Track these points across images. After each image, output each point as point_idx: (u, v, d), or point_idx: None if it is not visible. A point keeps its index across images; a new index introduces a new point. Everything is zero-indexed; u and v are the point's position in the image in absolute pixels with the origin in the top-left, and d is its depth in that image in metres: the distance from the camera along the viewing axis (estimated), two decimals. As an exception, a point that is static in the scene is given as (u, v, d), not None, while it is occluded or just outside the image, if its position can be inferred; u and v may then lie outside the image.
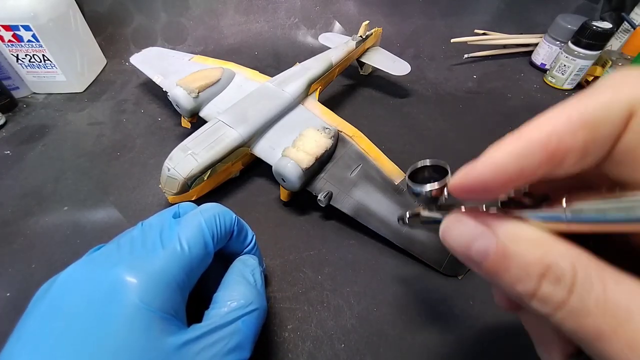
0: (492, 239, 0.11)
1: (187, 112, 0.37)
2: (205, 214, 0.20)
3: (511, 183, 0.11)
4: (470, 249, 0.12)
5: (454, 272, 0.29)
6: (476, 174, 0.11)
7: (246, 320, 0.18)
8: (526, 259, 0.10)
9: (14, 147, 0.40)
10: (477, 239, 0.11)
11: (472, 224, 0.12)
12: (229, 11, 0.62)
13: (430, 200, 0.14)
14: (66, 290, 0.16)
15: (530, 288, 0.10)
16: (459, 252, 0.12)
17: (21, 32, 0.42)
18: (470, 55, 0.60)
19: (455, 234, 0.12)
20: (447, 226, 0.13)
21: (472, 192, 0.12)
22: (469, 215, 0.12)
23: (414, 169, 0.15)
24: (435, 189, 0.14)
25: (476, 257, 0.11)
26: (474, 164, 0.11)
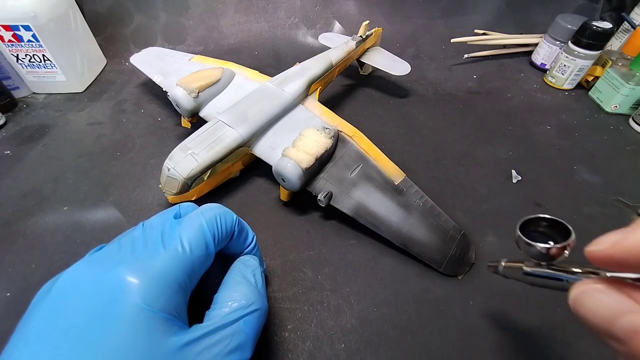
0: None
1: (187, 112, 0.37)
2: (206, 214, 0.20)
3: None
4: (613, 324, 0.11)
5: (454, 272, 0.29)
6: (632, 244, 0.10)
7: (247, 320, 0.18)
8: None
9: (14, 147, 0.40)
10: (625, 315, 0.10)
11: (616, 297, 0.11)
12: (229, 11, 0.62)
13: (543, 258, 0.13)
14: (68, 291, 0.16)
15: None
16: (597, 325, 0.11)
17: (21, 32, 0.42)
18: (470, 55, 0.60)
19: (594, 304, 0.11)
20: (582, 294, 0.12)
21: (624, 264, 0.10)
22: (610, 286, 0.11)
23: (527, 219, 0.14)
24: (556, 248, 0.13)
25: (622, 335, 0.10)
26: (628, 233, 0.10)
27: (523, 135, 0.45)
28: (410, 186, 0.32)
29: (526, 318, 0.27)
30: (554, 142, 0.44)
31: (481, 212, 0.34)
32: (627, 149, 0.43)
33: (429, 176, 0.38)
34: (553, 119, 0.48)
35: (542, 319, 0.27)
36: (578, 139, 0.45)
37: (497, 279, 0.29)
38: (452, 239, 0.30)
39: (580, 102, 0.52)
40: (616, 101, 0.48)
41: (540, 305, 0.28)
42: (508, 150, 0.42)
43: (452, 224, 0.31)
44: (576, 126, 0.47)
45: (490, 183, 0.38)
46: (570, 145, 0.44)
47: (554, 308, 0.27)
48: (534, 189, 0.37)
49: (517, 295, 0.28)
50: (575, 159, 0.42)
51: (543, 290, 0.29)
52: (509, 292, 0.29)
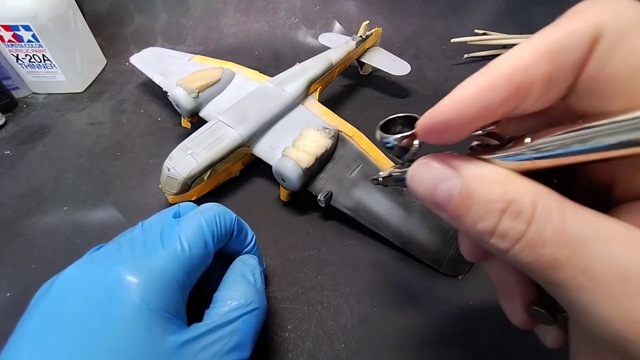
0: (457, 179, 0.11)
1: (187, 112, 0.37)
2: (205, 213, 0.20)
3: (476, 121, 0.11)
4: (435, 192, 0.11)
5: (454, 272, 0.29)
6: (440, 112, 0.11)
7: (246, 319, 0.18)
8: (488, 197, 0.10)
9: (14, 147, 0.40)
10: (443, 181, 0.11)
11: (438, 167, 0.12)
12: (229, 11, 0.62)
13: (402, 152, 0.14)
14: (67, 290, 0.16)
15: (490, 225, 0.10)
16: (425, 197, 0.12)
17: (21, 32, 0.42)
18: (470, 55, 0.60)
19: (421, 177, 0.12)
20: (413, 170, 0.12)
21: (437, 131, 0.11)
22: (435, 159, 0.12)
23: (385, 122, 0.14)
24: (405, 137, 0.13)
25: (441, 200, 0.11)
26: (438, 103, 0.11)
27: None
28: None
29: (526, 318, 0.27)
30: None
31: None
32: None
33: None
34: (553, 118, 0.48)
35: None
36: (578, 139, 0.45)
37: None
38: (452, 239, 0.30)
39: (580, 102, 0.52)
40: (616, 101, 0.48)
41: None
42: (508, 150, 0.42)
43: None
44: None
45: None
46: (570, 145, 0.44)
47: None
48: None
49: (517, 295, 0.28)
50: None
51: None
52: (509, 292, 0.28)
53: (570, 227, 0.09)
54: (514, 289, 0.14)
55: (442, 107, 0.11)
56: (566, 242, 0.09)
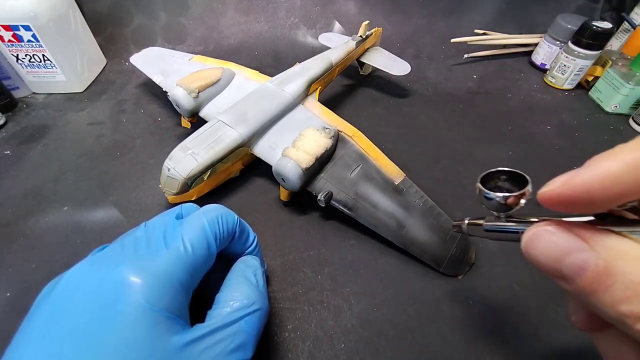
0: (590, 253, 0.10)
1: (187, 112, 0.37)
2: (208, 215, 0.20)
3: (623, 197, 0.10)
4: (562, 262, 0.11)
5: (454, 272, 0.29)
6: (581, 183, 0.10)
7: (248, 320, 0.19)
8: (634, 277, 0.09)
9: (14, 147, 0.40)
10: (572, 253, 0.10)
11: (565, 236, 0.11)
12: (229, 11, 0.62)
13: (503, 209, 0.13)
14: (71, 290, 0.17)
15: (639, 309, 0.09)
16: (546, 265, 0.11)
17: (21, 32, 0.42)
18: (470, 55, 0.60)
19: (544, 245, 0.11)
20: (533, 236, 0.12)
21: (572, 204, 0.11)
22: (560, 227, 0.11)
23: (487, 173, 0.14)
24: (512, 197, 0.13)
25: (569, 272, 0.11)
26: (577, 172, 0.10)
27: (523, 135, 0.45)
28: (410, 186, 0.32)
29: (526, 318, 0.27)
30: (554, 142, 0.44)
31: (481, 212, 0.34)
32: (627, 149, 0.43)
33: (429, 176, 0.38)
34: (553, 119, 0.48)
35: (542, 318, 0.27)
36: (578, 139, 0.45)
37: (497, 279, 0.29)
38: (452, 239, 0.30)
39: (580, 102, 0.52)
40: (616, 101, 0.48)
41: (540, 305, 0.28)
42: (508, 150, 0.42)
43: (452, 224, 0.31)
44: (576, 126, 0.47)
45: (490, 183, 0.38)
46: (570, 145, 0.44)
47: (554, 308, 0.28)
48: (534, 188, 0.37)
49: (517, 295, 0.28)
50: (575, 159, 0.42)
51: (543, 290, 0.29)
52: (509, 292, 0.29)
53: None
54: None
55: (584, 177, 0.10)
56: None
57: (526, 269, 0.30)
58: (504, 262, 0.30)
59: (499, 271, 0.30)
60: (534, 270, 0.30)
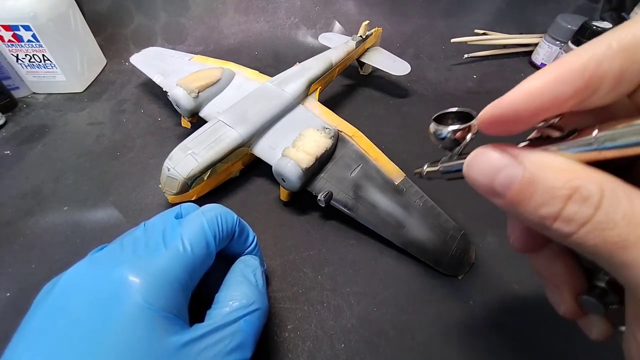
0: (518, 167, 0.11)
1: (187, 112, 0.37)
2: (207, 214, 0.20)
3: (544, 111, 0.11)
4: (494, 179, 0.12)
5: (454, 272, 0.29)
6: (509, 101, 0.11)
7: (248, 320, 0.19)
8: (553, 183, 0.10)
9: (14, 147, 0.40)
10: (503, 169, 0.11)
11: (498, 155, 0.12)
12: (229, 11, 0.62)
13: (453, 145, 0.14)
14: (70, 290, 0.17)
15: (554, 210, 0.10)
16: (482, 184, 0.12)
17: (21, 32, 0.42)
18: (470, 55, 0.60)
19: (480, 165, 0.12)
20: (472, 158, 0.13)
21: (503, 122, 0.12)
22: (494, 148, 0.12)
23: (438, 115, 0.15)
24: (460, 129, 0.14)
25: (500, 187, 0.11)
26: (505, 95, 0.11)
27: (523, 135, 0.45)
28: (410, 186, 0.32)
29: (526, 318, 0.27)
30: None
31: (481, 212, 0.34)
32: (627, 149, 0.43)
33: (429, 176, 0.38)
34: (553, 119, 0.48)
35: (542, 318, 0.27)
36: (578, 139, 0.45)
37: (497, 279, 0.29)
38: (452, 239, 0.30)
39: (580, 102, 0.52)
40: (616, 101, 0.48)
41: (540, 305, 0.28)
42: (508, 150, 0.42)
43: (452, 224, 0.31)
44: (576, 126, 0.47)
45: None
46: (570, 145, 0.44)
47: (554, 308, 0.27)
48: None
49: (517, 295, 0.28)
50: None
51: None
52: (509, 292, 0.29)
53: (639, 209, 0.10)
54: (563, 280, 0.15)
55: (511, 97, 0.11)
56: (637, 223, 0.10)
57: (526, 269, 0.30)
58: (504, 262, 0.30)
59: (499, 271, 0.30)
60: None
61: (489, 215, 0.34)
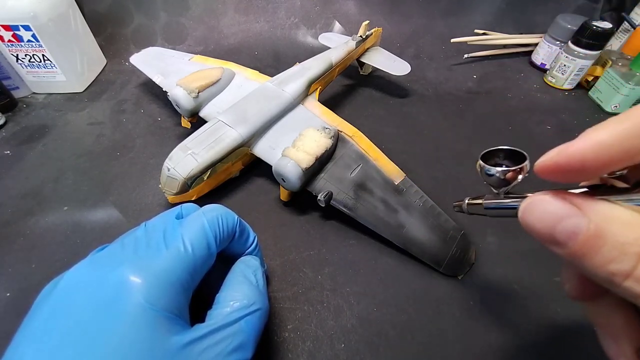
0: (582, 218, 0.11)
1: (187, 112, 0.37)
2: (208, 215, 0.20)
3: (613, 165, 0.10)
4: (555, 228, 0.11)
5: (454, 272, 0.29)
6: (575, 151, 0.11)
7: (248, 320, 0.19)
8: (622, 239, 0.10)
9: (14, 147, 0.40)
10: (565, 219, 0.11)
11: (559, 203, 0.11)
12: (229, 11, 0.62)
13: (501, 184, 0.14)
14: (71, 290, 0.17)
15: (625, 268, 0.10)
16: (541, 232, 0.12)
17: (21, 32, 0.42)
18: (470, 55, 0.60)
19: (539, 213, 0.12)
20: (530, 204, 0.12)
21: (566, 171, 0.11)
22: (555, 195, 0.12)
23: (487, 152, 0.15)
24: (511, 171, 0.13)
25: (562, 237, 0.11)
26: (572, 142, 0.11)
27: (523, 135, 0.45)
28: (410, 186, 0.32)
29: (526, 318, 0.27)
30: (554, 142, 0.43)
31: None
32: (627, 149, 0.43)
33: (429, 176, 0.38)
34: (553, 119, 0.48)
35: (542, 318, 0.27)
36: (578, 139, 0.45)
37: (497, 279, 0.29)
38: (452, 239, 0.30)
39: (580, 102, 0.52)
40: (616, 101, 0.48)
41: (540, 305, 0.28)
42: (508, 150, 0.42)
43: (452, 224, 0.31)
44: (576, 126, 0.47)
45: (490, 183, 0.38)
46: (570, 145, 0.44)
47: (555, 308, 0.28)
48: (534, 189, 0.37)
49: (517, 295, 0.28)
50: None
51: (543, 290, 0.29)
52: (509, 292, 0.29)
53: None
54: (621, 331, 0.14)
55: (579, 147, 0.11)
56: None
57: (526, 269, 0.30)
58: (504, 262, 0.30)
59: (499, 271, 0.30)
60: (533, 270, 0.30)
61: (489, 215, 0.34)
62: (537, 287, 0.29)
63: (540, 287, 0.29)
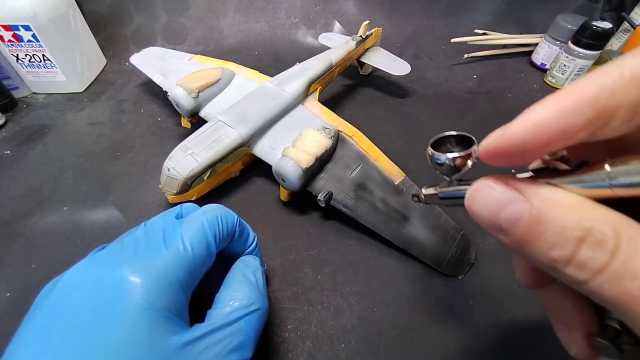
0: (524, 204, 0.10)
1: (187, 112, 0.37)
2: (207, 214, 0.20)
3: (552, 144, 0.10)
4: (499, 215, 0.11)
5: (454, 272, 0.29)
6: (514, 133, 0.10)
7: (248, 320, 0.19)
8: (563, 223, 0.10)
9: (14, 147, 0.40)
10: (508, 205, 0.11)
11: (502, 189, 0.11)
12: (229, 11, 0.62)
13: (452, 171, 0.14)
14: (70, 289, 0.17)
15: (567, 253, 0.10)
16: (486, 219, 0.12)
17: (21, 32, 0.42)
18: (470, 55, 0.60)
19: (483, 200, 0.12)
20: (474, 192, 0.12)
21: (508, 154, 0.11)
22: (498, 181, 0.12)
23: (437, 139, 0.14)
24: (460, 157, 0.13)
25: (506, 224, 0.11)
26: (511, 124, 0.11)
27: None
28: (410, 186, 0.32)
29: (526, 318, 0.27)
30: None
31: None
32: (627, 149, 0.43)
33: (429, 176, 0.38)
34: (553, 119, 0.48)
35: (542, 318, 0.27)
36: (578, 139, 0.45)
37: (497, 279, 0.29)
38: (452, 239, 0.30)
39: (580, 102, 0.52)
40: (616, 101, 0.48)
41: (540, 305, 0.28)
42: (508, 150, 0.42)
43: (452, 224, 0.31)
44: (576, 126, 0.47)
45: (490, 183, 0.38)
46: (570, 145, 0.44)
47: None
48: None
49: (517, 295, 0.28)
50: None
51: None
52: (509, 292, 0.29)
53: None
54: (573, 319, 0.14)
55: (516, 128, 0.10)
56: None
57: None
58: (504, 262, 0.30)
59: (499, 271, 0.30)
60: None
61: (489, 215, 0.34)
62: (537, 287, 0.29)
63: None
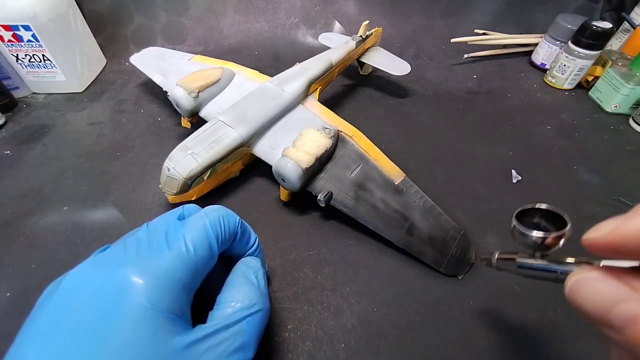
0: None
1: (187, 112, 0.37)
2: (209, 216, 0.20)
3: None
4: (610, 312, 0.10)
5: (454, 272, 0.29)
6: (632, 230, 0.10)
7: (250, 321, 0.19)
8: None
9: (14, 147, 0.40)
10: (622, 302, 0.10)
11: (615, 285, 0.10)
12: (229, 11, 0.62)
13: (538, 248, 0.13)
14: (73, 290, 0.17)
15: None
16: (594, 314, 0.11)
17: (21, 32, 0.42)
18: (470, 55, 0.60)
19: (591, 294, 0.11)
20: (578, 283, 0.11)
21: (623, 251, 0.10)
22: (607, 274, 0.11)
23: (523, 210, 0.14)
24: (552, 237, 0.12)
25: (618, 322, 0.10)
26: (626, 219, 0.10)
27: (523, 135, 0.45)
28: (410, 186, 0.32)
29: (526, 318, 0.27)
30: (554, 142, 0.44)
31: (481, 212, 0.35)
32: (627, 149, 0.44)
33: (429, 176, 0.38)
34: (553, 119, 0.48)
35: (542, 318, 0.27)
36: (578, 139, 0.45)
37: (497, 279, 0.29)
38: (452, 239, 0.30)
39: (580, 102, 0.52)
40: (616, 101, 0.48)
41: (540, 305, 0.28)
42: (508, 150, 0.42)
43: (452, 224, 0.31)
44: (576, 126, 0.47)
45: (490, 183, 0.38)
46: (570, 145, 0.44)
47: (554, 308, 0.28)
48: (534, 189, 0.37)
49: (517, 295, 0.28)
50: (575, 159, 0.42)
51: (543, 290, 0.29)
52: (509, 292, 0.29)
53: None
54: None
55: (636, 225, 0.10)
56: None
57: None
58: (504, 262, 0.30)
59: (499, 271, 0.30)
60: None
61: (489, 215, 0.34)
62: (537, 287, 0.29)
63: (540, 287, 0.29)
